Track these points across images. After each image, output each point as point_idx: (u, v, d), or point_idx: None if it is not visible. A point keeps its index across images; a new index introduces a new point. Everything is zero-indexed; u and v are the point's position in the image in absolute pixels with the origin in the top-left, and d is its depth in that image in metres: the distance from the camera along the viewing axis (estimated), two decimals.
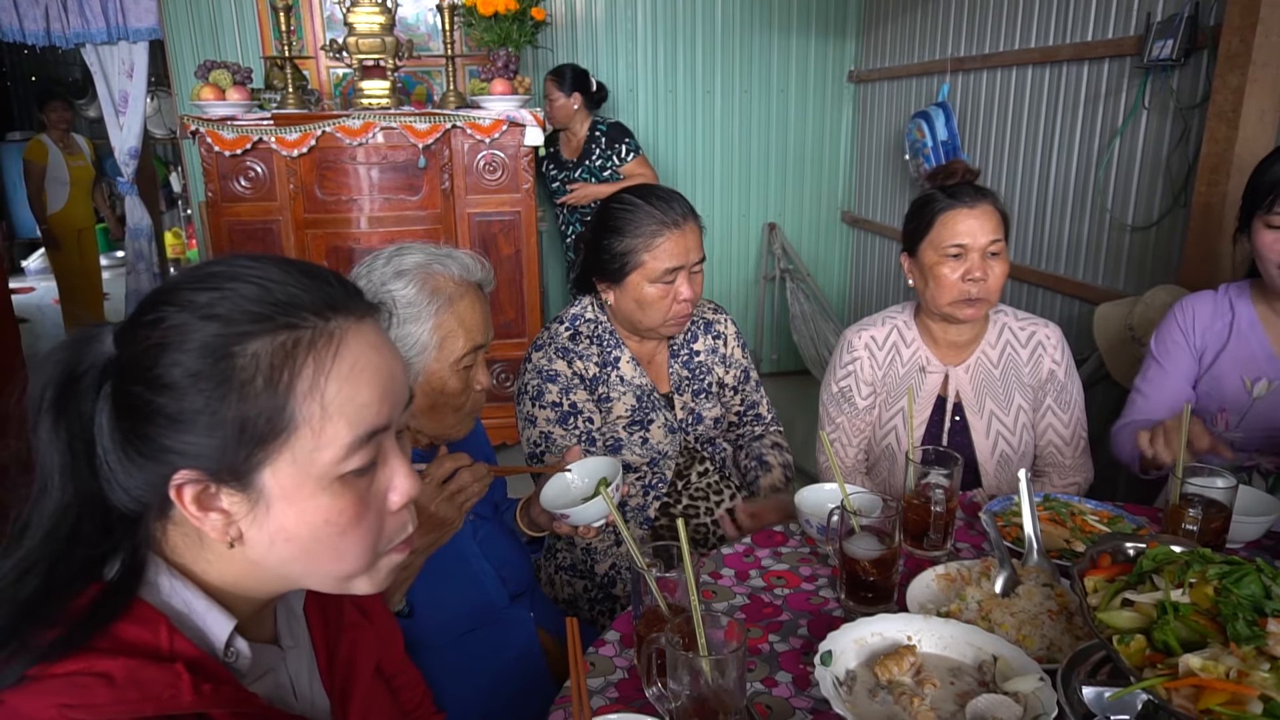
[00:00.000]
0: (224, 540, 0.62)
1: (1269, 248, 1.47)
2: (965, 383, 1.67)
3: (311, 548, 0.63)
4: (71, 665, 0.55)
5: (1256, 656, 0.75)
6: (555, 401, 1.53)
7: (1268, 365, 1.54)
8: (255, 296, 0.61)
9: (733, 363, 1.73)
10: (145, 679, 0.57)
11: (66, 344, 0.63)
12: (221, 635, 0.64)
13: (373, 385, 0.63)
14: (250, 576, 0.65)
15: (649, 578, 0.98)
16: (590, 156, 3.61)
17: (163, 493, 0.60)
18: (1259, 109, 2.11)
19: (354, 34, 3.17)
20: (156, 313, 0.60)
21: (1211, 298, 1.63)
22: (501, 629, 1.29)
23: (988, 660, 0.96)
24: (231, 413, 0.58)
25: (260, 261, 0.63)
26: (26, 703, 0.54)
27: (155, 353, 0.59)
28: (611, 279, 1.54)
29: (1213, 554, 0.89)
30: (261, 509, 0.61)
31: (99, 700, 0.54)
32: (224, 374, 0.58)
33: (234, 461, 0.59)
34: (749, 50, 4.19)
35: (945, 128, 3.29)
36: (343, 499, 0.62)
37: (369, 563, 0.67)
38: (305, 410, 0.60)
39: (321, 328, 0.62)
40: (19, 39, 4.00)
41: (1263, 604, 0.80)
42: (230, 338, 0.59)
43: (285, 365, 0.60)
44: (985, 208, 1.56)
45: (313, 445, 0.60)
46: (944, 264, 1.57)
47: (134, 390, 0.60)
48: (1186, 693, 0.73)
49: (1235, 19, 2.11)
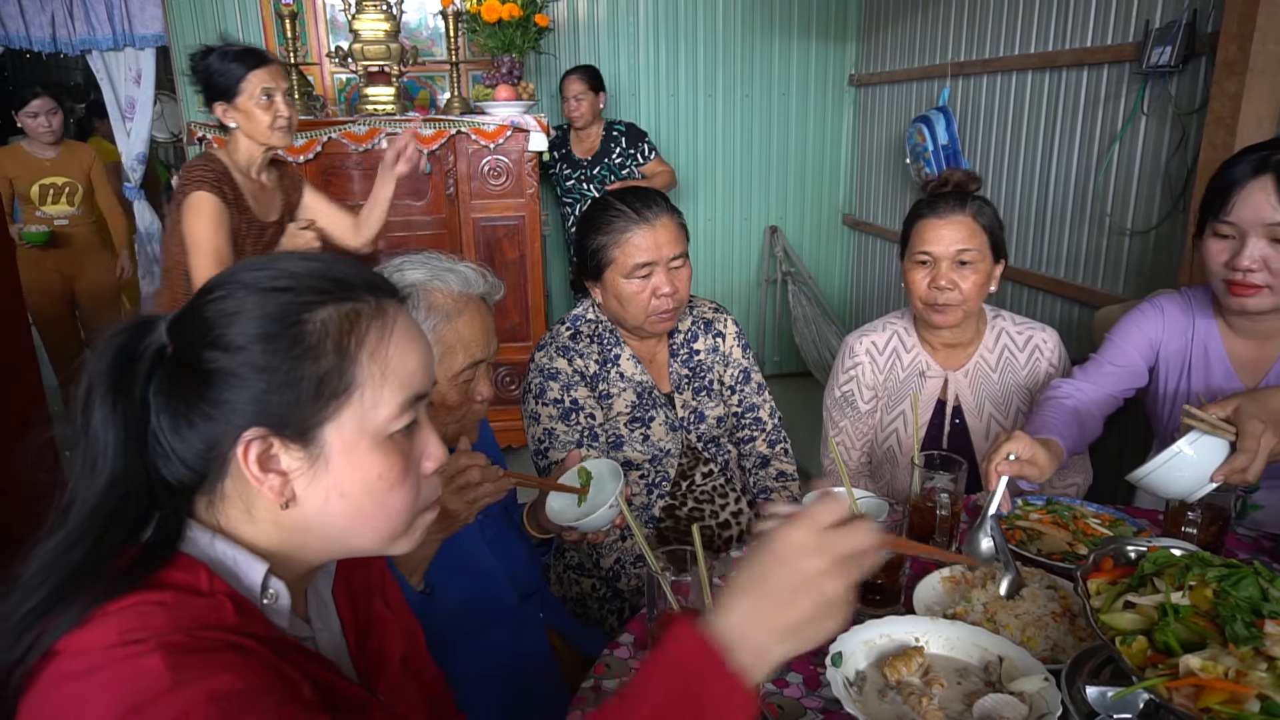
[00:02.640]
0: (279, 501, 0.67)
1: (1213, 257, 1.39)
2: (964, 387, 1.70)
3: (362, 503, 0.68)
4: (125, 602, 0.60)
5: (1254, 657, 0.77)
6: (557, 398, 1.56)
7: (1226, 382, 1.50)
8: (316, 272, 0.68)
9: (732, 362, 1.75)
10: (192, 605, 0.62)
11: (124, 329, 0.67)
12: (257, 576, 0.68)
13: (419, 355, 0.71)
14: (297, 540, 0.70)
15: (664, 582, 1.00)
16: (610, 155, 3.66)
17: (223, 455, 0.65)
18: (1257, 115, 2.14)
19: (359, 40, 3.20)
20: (222, 290, 0.67)
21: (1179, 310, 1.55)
22: (513, 628, 1.31)
23: (994, 661, 0.99)
24: (307, 370, 0.65)
25: (308, 254, 0.71)
26: (87, 638, 0.58)
27: (227, 320, 0.65)
28: (593, 276, 1.58)
29: (1212, 557, 0.92)
30: (320, 465, 0.67)
31: (156, 622, 0.59)
32: (296, 337, 0.65)
33: (303, 417, 0.65)
34: (750, 54, 4.21)
35: (946, 132, 3.31)
36: (392, 456, 0.69)
37: (409, 521, 0.72)
38: (368, 371, 0.67)
39: (375, 304, 0.69)
40: (25, 46, 4.02)
41: (1260, 606, 0.82)
42: (300, 305, 0.66)
43: (351, 331, 0.67)
44: (958, 218, 1.60)
45: (372, 403, 0.67)
46: (915, 270, 1.64)
47: (207, 356, 0.64)
48: (1187, 692, 0.76)
49: (1233, 27, 2.13)
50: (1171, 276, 2.44)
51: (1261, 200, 1.32)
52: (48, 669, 0.58)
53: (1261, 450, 1.14)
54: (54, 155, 3.83)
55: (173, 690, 0.56)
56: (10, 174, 3.78)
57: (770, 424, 1.78)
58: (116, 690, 0.56)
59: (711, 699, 0.63)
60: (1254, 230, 1.33)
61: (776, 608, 0.65)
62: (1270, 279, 1.34)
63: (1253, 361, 1.47)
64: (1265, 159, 1.33)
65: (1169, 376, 1.56)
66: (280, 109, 2.17)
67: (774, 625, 0.65)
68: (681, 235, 1.57)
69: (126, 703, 0.55)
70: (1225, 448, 1.16)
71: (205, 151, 2.25)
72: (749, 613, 0.65)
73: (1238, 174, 1.35)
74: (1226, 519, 1.24)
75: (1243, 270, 1.34)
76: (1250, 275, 1.35)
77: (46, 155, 3.82)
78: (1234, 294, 1.38)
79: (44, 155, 3.82)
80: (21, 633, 0.60)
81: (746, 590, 0.66)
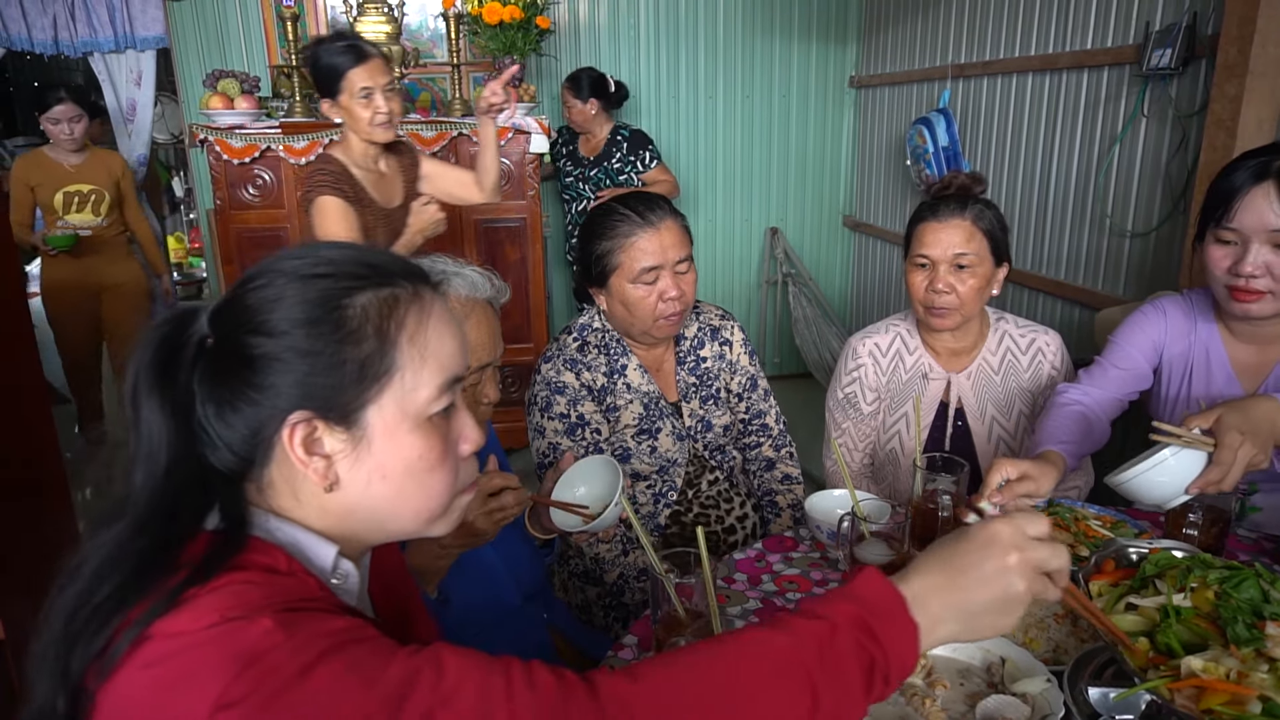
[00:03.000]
0: (323, 484, 0.68)
1: (1216, 263, 1.39)
2: (967, 389, 1.71)
3: (404, 484, 0.70)
4: (214, 584, 0.61)
5: (1255, 658, 0.78)
6: (563, 413, 1.56)
7: (1227, 387, 1.50)
8: (353, 259, 0.70)
9: (739, 369, 1.75)
10: (281, 583, 0.64)
11: (166, 320, 0.69)
12: (328, 558, 0.70)
13: (455, 339, 0.73)
14: (343, 524, 0.71)
15: (668, 584, 1.01)
16: (610, 159, 3.61)
17: (268, 440, 0.67)
18: (1257, 118, 2.15)
19: None
20: (263, 278, 0.68)
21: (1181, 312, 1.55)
22: (517, 628, 1.32)
23: (996, 662, 0.99)
24: (349, 354, 0.66)
25: (342, 243, 0.73)
26: (184, 621, 0.59)
27: (270, 306, 0.66)
28: (597, 283, 1.57)
29: (1213, 559, 0.92)
30: (363, 447, 0.68)
31: (251, 599, 0.60)
32: (338, 321, 0.66)
33: (346, 399, 0.67)
34: (750, 55, 4.22)
35: (946, 134, 3.32)
36: (431, 437, 0.70)
37: (448, 502, 0.74)
38: (408, 354, 0.68)
39: (412, 289, 0.71)
40: (27, 48, 4.03)
41: (1261, 607, 0.83)
42: (340, 291, 0.67)
43: (391, 315, 0.68)
44: (957, 221, 1.60)
45: (412, 385, 0.69)
46: (914, 273, 1.65)
47: (250, 342, 0.66)
48: (1188, 693, 0.77)
49: (1232, 29, 2.14)
50: (1172, 278, 2.45)
51: (1264, 207, 1.32)
52: (139, 653, 0.58)
53: (1238, 463, 1.14)
54: (79, 161, 3.60)
55: (288, 639, 0.57)
56: (32, 181, 3.56)
57: (776, 429, 1.79)
58: (231, 651, 0.57)
59: (887, 637, 0.65)
60: (1256, 236, 1.33)
61: (961, 587, 0.68)
62: (1273, 284, 1.34)
63: (1254, 366, 1.48)
64: (1267, 165, 1.33)
65: (1171, 379, 1.56)
66: (379, 105, 2.16)
67: (952, 601, 0.68)
68: (686, 238, 1.57)
69: (243, 658, 0.56)
70: (1204, 458, 1.17)
71: (324, 152, 2.28)
72: (934, 582, 0.68)
73: (1239, 180, 1.35)
74: (1227, 521, 1.25)
75: (1245, 276, 1.35)
76: (1253, 281, 1.35)
77: (70, 161, 3.59)
78: (1236, 300, 1.38)
79: (68, 161, 3.59)
80: (105, 619, 0.60)
81: (937, 564, 0.69)
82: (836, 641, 0.65)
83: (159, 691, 0.57)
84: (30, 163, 3.61)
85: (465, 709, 0.58)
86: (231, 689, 0.55)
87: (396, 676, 0.58)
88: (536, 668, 0.62)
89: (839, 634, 0.65)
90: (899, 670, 0.66)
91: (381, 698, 0.57)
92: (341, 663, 0.58)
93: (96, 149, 3.73)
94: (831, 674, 0.64)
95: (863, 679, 0.65)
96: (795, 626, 0.66)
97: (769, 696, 0.63)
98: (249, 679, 0.55)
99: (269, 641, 0.57)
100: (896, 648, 0.66)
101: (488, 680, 0.60)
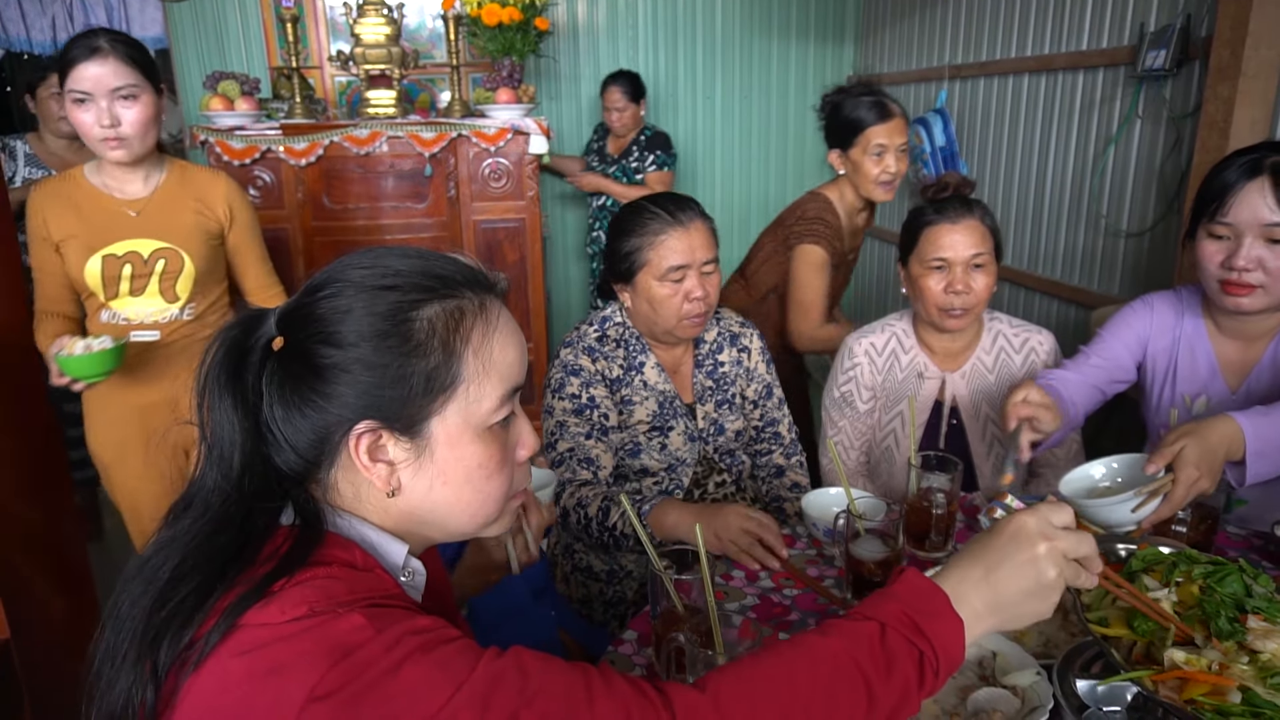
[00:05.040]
0: (386, 489, 0.70)
1: (1209, 258, 1.41)
2: (962, 388, 1.73)
3: (464, 491, 0.72)
4: (300, 578, 0.63)
5: (1237, 650, 0.80)
6: (574, 394, 1.58)
7: (1210, 381, 1.52)
8: (419, 270, 0.71)
9: (755, 376, 1.75)
10: (361, 578, 0.66)
11: (235, 324, 0.71)
12: (399, 554, 0.72)
13: (517, 349, 0.75)
14: (400, 525, 0.73)
15: (666, 580, 1.03)
16: (628, 157, 3.71)
17: (333, 445, 0.69)
18: (1249, 119, 2.17)
19: (361, 45, 3.22)
20: (332, 288, 0.69)
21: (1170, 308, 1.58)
22: (527, 625, 1.33)
23: (987, 656, 1.01)
24: (416, 367, 0.68)
25: (409, 250, 0.73)
26: (273, 613, 0.61)
27: (339, 318, 0.68)
28: (624, 279, 1.58)
29: (1198, 555, 0.94)
30: (426, 456, 0.70)
31: (337, 593, 0.63)
32: (405, 334, 0.68)
33: (412, 411, 0.68)
34: (749, 56, 4.24)
35: (943, 134, 3.34)
36: (492, 446, 0.73)
37: (503, 506, 0.76)
38: (472, 367, 0.70)
39: (476, 299, 0.72)
40: (26, 48, 4.04)
41: (1244, 601, 0.85)
42: (407, 304, 0.69)
43: (457, 328, 0.70)
44: (969, 222, 1.62)
45: (476, 396, 0.71)
46: (928, 276, 1.64)
47: (320, 351, 0.68)
48: (1172, 684, 0.79)
49: (1225, 32, 2.16)
50: (1166, 278, 2.47)
51: (1258, 201, 1.34)
52: (230, 642, 0.60)
53: (1188, 497, 1.19)
54: (143, 191, 1.83)
55: (379, 634, 0.60)
56: (59, 231, 1.77)
57: (789, 438, 1.79)
58: (325, 644, 0.59)
59: (934, 632, 0.68)
60: (1250, 231, 1.35)
61: (996, 579, 0.71)
62: (1265, 279, 1.37)
63: (1238, 362, 1.50)
64: (1260, 161, 1.36)
65: (1156, 373, 1.59)
66: (888, 165, 2.13)
67: (990, 593, 0.71)
68: (713, 240, 1.58)
69: (337, 652, 0.58)
70: None
71: (827, 201, 2.23)
72: (970, 576, 0.71)
73: (1233, 175, 1.37)
74: (1216, 518, 1.27)
75: (1239, 270, 1.37)
76: (1246, 275, 1.37)
77: (128, 190, 1.83)
78: (1228, 294, 1.40)
79: (124, 191, 1.83)
80: (190, 613, 0.62)
81: (970, 559, 0.72)
82: (887, 640, 0.67)
83: (252, 680, 0.59)
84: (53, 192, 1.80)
85: (549, 709, 0.60)
86: (326, 680, 0.57)
87: (483, 677, 0.60)
88: (611, 674, 0.65)
89: (889, 633, 0.68)
90: (948, 663, 0.69)
91: (469, 696, 0.59)
92: (431, 661, 0.60)
93: (180, 164, 1.91)
94: (885, 672, 0.67)
95: (915, 674, 0.68)
96: (846, 630, 0.69)
97: (831, 700, 0.66)
98: (342, 671, 0.58)
99: (361, 636, 0.59)
100: (943, 641, 0.68)
101: (569, 683, 0.62)
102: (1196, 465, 1.18)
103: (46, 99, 2.50)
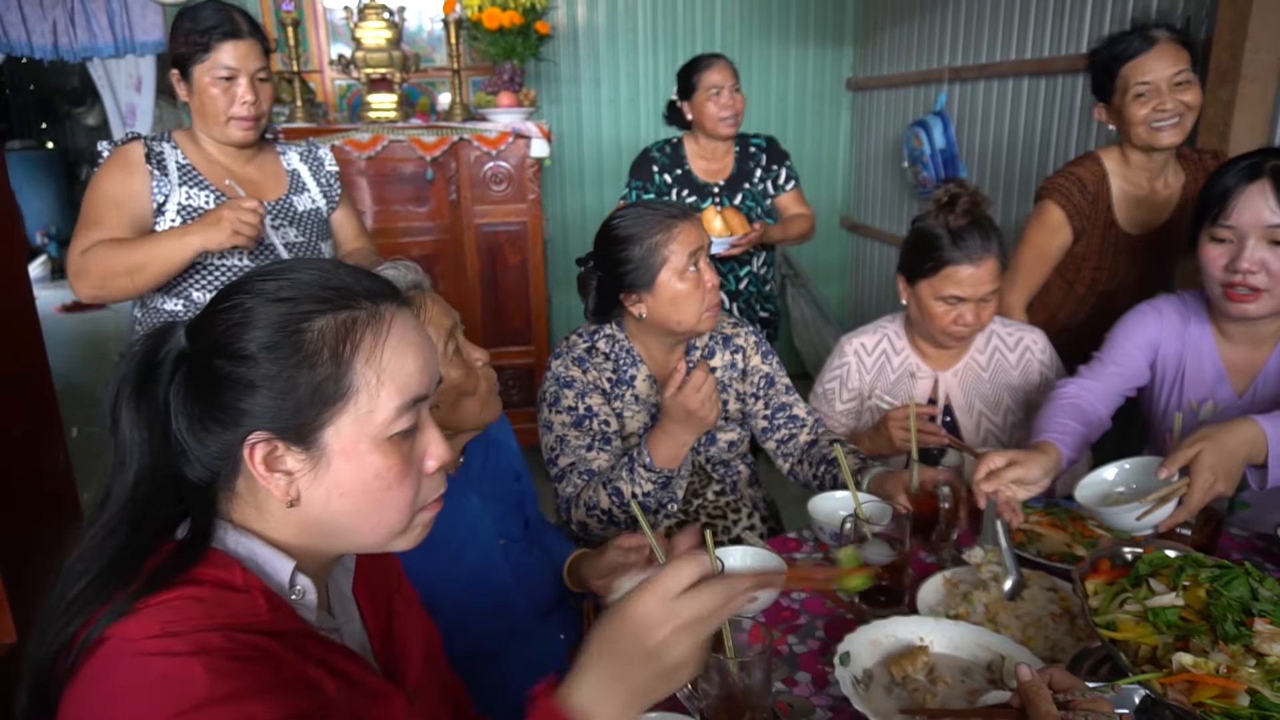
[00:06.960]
0: (285, 499, 0.71)
1: (1212, 262, 1.42)
2: (954, 386, 1.75)
3: (362, 502, 0.72)
4: (165, 596, 0.64)
5: (1244, 654, 0.81)
6: (571, 406, 1.58)
7: (1217, 386, 1.53)
8: (316, 282, 0.71)
9: (751, 370, 1.72)
10: (228, 600, 0.66)
11: (146, 338, 0.72)
12: (285, 571, 0.73)
13: (416, 358, 0.73)
14: (306, 536, 0.74)
15: None
16: (750, 178, 2.75)
17: (235, 455, 0.70)
18: (1249, 123, 2.18)
19: (361, 48, 3.22)
20: (233, 300, 0.70)
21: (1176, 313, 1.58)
22: (534, 647, 1.32)
23: (996, 659, 1.02)
24: (304, 378, 0.68)
25: (314, 262, 0.74)
26: (132, 629, 0.63)
27: (236, 330, 0.69)
28: (640, 287, 1.53)
29: (1204, 558, 0.95)
30: (322, 466, 0.70)
31: (193, 616, 0.64)
32: (295, 345, 0.69)
33: (303, 421, 0.69)
34: (748, 58, 4.24)
35: (943, 136, 3.35)
36: (391, 457, 0.72)
37: (409, 519, 0.75)
38: (364, 377, 0.70)
39: (373, 309, 0.72)
40: (27, 53, 4.04)
41: (1250, 605, 0.86)
42: (299, 315, 0.69)
43: (347, 338, 0.70)
44: (987, 261, 1.58)
45: (369, 407, 0.70)
46: (939, 304, 1.63)
47: (216, 364, 0.69)
48: (1181, 687, 0.80)
49: (1225, 35, 2.17)
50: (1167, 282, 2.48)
51: (1260, 204, 1.35)
52: (96, 655, 0.62)
53: (1204, 501, 1.19)
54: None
55: (210, 703, 0.60)
56: None
57: (810, 420, 1.73)
58: (161, 693, 0.60)
59: None
60: (1253, 233, 1.36)
61: (627, 676, 0.69)
62: (1269, 281, 1.38)
63: (1244, 366, 1.51)
64: (1260, 163, 1.37)
65: (1165, 378, 1.60)
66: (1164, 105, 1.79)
67: (625, 692, 0.69)
68: None
69: (169, 708, 0.59)
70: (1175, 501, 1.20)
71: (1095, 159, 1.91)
72: (602, 682, 0.69)
73: (1234, 179, 1.39)
74: (1220, 521, 1.28)
75: (1242, 273, 1.38)
76: (1250, 277, 1.38)
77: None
78: (1232, 300, 1.41)
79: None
80: (70, 618, 0.64)
81: (599, 661, 0.70)
82: None
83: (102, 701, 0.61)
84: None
85: None
86: None
87: None
88: None
89: None
90: None
91: None
92: None
93: None
94: None
95: None
96: None
97: None
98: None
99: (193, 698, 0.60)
100: None
101: None
102: (1213, 470, 1.18)
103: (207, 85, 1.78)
